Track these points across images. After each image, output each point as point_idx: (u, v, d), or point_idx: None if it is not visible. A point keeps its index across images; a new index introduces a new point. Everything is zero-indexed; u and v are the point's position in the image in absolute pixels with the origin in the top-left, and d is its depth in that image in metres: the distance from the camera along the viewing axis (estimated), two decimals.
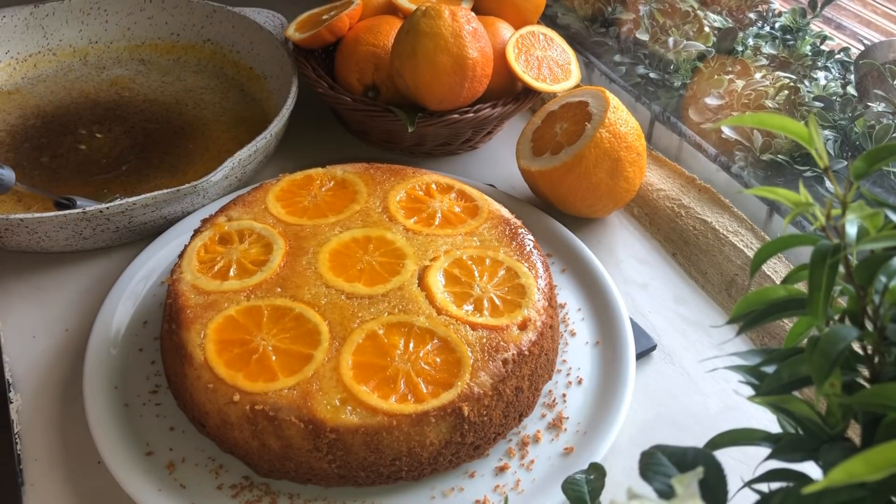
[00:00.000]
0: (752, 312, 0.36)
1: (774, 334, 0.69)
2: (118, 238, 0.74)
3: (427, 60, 0.76)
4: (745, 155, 0.82)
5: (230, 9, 0.97)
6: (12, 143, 0.86)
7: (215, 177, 0.72)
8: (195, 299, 0.60)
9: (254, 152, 0.76)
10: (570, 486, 0.40)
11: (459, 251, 0.65)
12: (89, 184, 0.81)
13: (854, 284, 0.32)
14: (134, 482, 0.54)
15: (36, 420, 0.61)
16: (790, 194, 0.33)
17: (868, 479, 0.25)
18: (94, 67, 0.98)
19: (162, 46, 1.00)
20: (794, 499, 0.30)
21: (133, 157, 0.85)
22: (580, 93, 0.78)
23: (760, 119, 0.34)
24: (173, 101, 0.94)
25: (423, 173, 0.74)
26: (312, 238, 0.66)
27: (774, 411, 0.34)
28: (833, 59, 0.86)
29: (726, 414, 0.64)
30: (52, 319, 0.69)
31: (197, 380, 0.56)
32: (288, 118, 0.81)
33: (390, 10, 0.89)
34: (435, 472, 0.56)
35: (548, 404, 0.62)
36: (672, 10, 0.97)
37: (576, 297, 0.70)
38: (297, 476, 0.55)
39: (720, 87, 0.86)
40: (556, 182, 0.76)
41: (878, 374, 0.32)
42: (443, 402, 0.54)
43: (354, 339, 0.57)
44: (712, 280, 0.75)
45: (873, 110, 0.77)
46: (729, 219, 0.78)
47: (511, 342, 0.58)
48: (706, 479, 0.32)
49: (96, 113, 0.91)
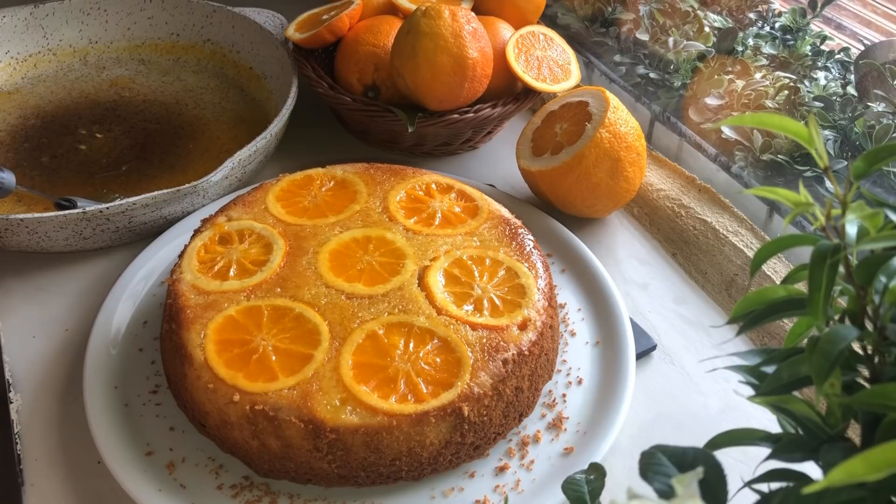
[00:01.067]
0: (752, 312, 0.36)
1: (774, 334, 0.69)
2: (118, 238, 0.74)
3: (427, 60, 0.76)
4: (745, 155, 0.82)
5: (230, 9, 0.97)
6: (12, 143, 0.86)
7: (215, 177, 0.72)
8: (195, 299, 0.60)
9: (254, 152, 0.76)
10: (570, 486, 0.40)
11: (459, 251, 0.65)
12: (89, 184, 0.81)
13: (854, 284, 0.32)
14: (134, 482, 0.54)
15: (36, 420, 0.61)
16: (790, 194, 0.33)
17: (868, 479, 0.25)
18: (94, 67, 0.98)
19: (162, 46, 1.00)
20: (794, 499, 0.30)
21: (133, 157, 0.85)
22: (580, 93, 0.78)
23: (760, 119, 0.34)
24: (173, 101, 0.94)
25: (423, 173, 0.74)
26: (312, 238, 0.66)
27: (774, 411, 0.34)
28: (833, 59, 0.86)
29: (726, 414, 0.64)
30: (52, 319, 0.69)
31: (197, 380, 0.56)
32: (288, 118, 0.81)
33: (390, 10, 0.89)
34: (435, 472, 0.56)
35: (548, 404, 0.62)
36: (672, 10, 0.97)
37: (576, 297, 0.70)
38: (297, 476, 0.55)
39: (720, 87, 0.86)
40: (556, 182, 0.76)
41: (878, 374, 0.32)
42: (443, 402, 0.54)
43: (354, 339, 0.57)
44: (712, 280, 0.75)
45: (873, 110, 0.77)
46: (729, 219, 0.78)
47: (511, 342, 0.58)
48: (706, 479, 0.32)
49: (96, 113, 0.91)
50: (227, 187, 0.77)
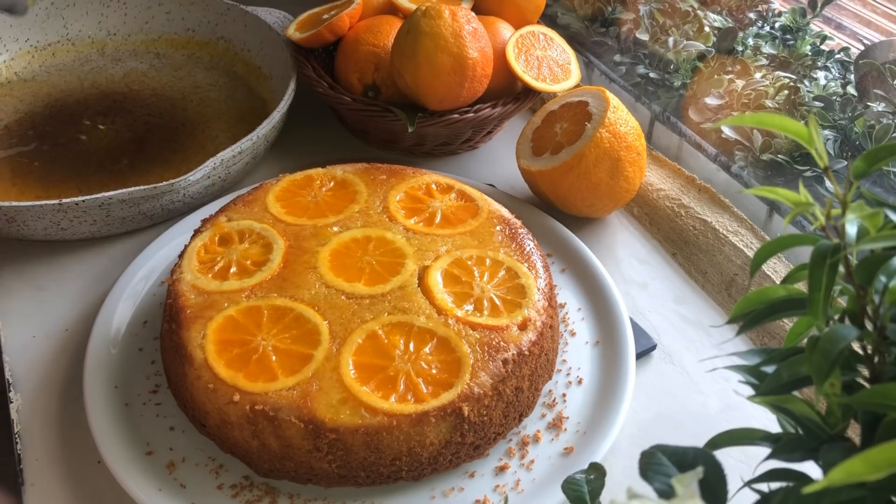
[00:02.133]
0: (752, 312, 0.36)
1: (774, 334, 0.69)
2: (97, 230, 0.74)
3: (427, 60, 0.76)
4: (745, 155, 0.82)
5: (243, 7, 0.97)
6: (18, 129, 0.87)
7: (194, 176, 0.72)
8: (195, 299, 0.60)
9: (238, 153, 0.76)
10: (570, 486, 0.40)
11: (459, 251, 0.65)
12: (83, 174, 0.82)
13: (854, 284, 0.32)
14: (134, 482, 0.54)
15: (36, 420, 0.61)
16: (790, 194, 0.33)
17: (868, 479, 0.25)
18: (111, 59, 0.99)
19: (178, 41, 1.01)
20: (794, 499, 0.30)
21: (131, 150, 0.86)
22: (580, 93, 0.78)
23: (760, 119, 0.34)
24: (179, 97, 0.94)
25: (423, 173, 0.74)
26: (312, 238, 0.66)
27: (774, 411, 0.34)
28: (833, 59, 0.86)
29: (726, 414, 0.64)
30: (52, 319, 0.69)
31: (197, 380, 0.56)
32: (280, 121, 0.81)
33: (390, 9, 0.89)
34: (435, 472, 0.56)
35: (548, 404, 0.62)
36: (672, 10, 0.97)
37: (576, 296, 0.70)
38: (297, 476, 0.55)
39: (720, 87, 0.86)
40: (556, 182, 0.76)
41: (878, 374, 0.32)
42: (443, 402, 0.54)
43: (354, 339, 0.57)
44: (712, 280, 0.75)
45: (873, 110, 0.77)
46: (729, 219, 0.78)
47: (511, 342, 0.58)
48: (706, 478, 0.32)
49: (104, 105, 0.92)
50: (209, 186, 0.77)
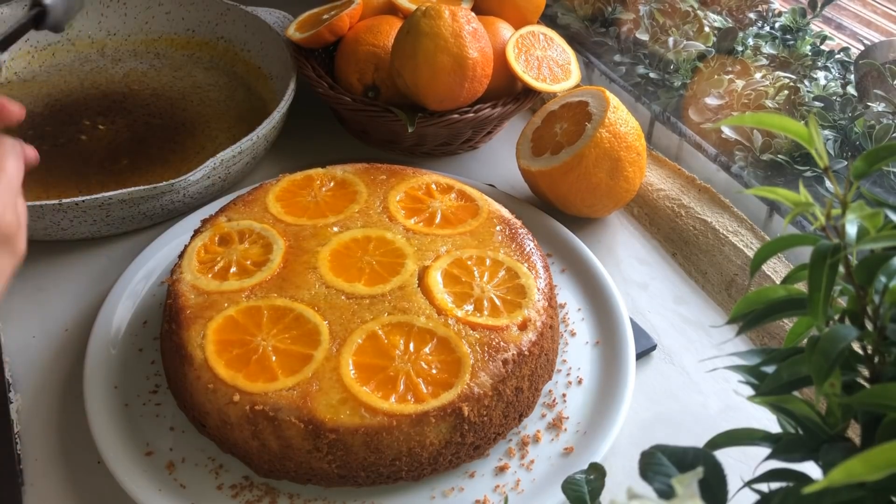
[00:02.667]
0: (752, 312, 0.36)
1: (774, 334, 0.69)
2: (97, 231, 0.74)
3: (427, 60, 0.76)
4: (745, 155, 0.82)
5: (243, 7, 0.97)
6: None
7: (194, 176, 0.72)
8: (195, 299, 0.60)
9: (237, 153, 0.76)
10: (570, 486, 0.40)
11: (459, 251, 0.65)
12: (83, 174, 0.82)
13: (854, 284, 0.32)
14: (134, 482, 0.54)
15: (36, 420, 0.61)
16: (790, 194, 0.33)
17: (868, 479, 0.25)
18: (111, 59, 0.99)
19: (177, 41, 1.01)
20: (794, 499, 0.30)
21: (131, 150, 0.86)
22: (580, 93, 0.78)
23: (760, 119, 0.34)
24: (179, 97, 0.94)
25: (423, 173, 0.74)
26: (312, 238, 0.66)
27: (774, 411, 0.34)
28: (833, 59, 0.86)
29: (726, 414, 0.64)
30: (52, 319, 0.69)
31: (197, 380, 0.56)
32: (280, 121, 0.81)
33: (390, 10, 0.89)
34: (435, 473, 0.56)
35: (548, 404, 0.62)
36: (672, 10, 0.97)
37: (576, 297, 0.70)
38: (297, 476, 0.55)
39: (720, 87, 0.86)
40: (556, 182, 0.76)
41: (878, 374, 0.32)
42: (443, 402, 0.54)
43: (354, 339, 0.57)
44: (712, 280, 0.75)
45: (873, 110, 0.77)
46: (729, 219, 0.78)
47: (511, 342, 0.58)
48: (706, 479, 0.32)
49: (104, 105, 0.92)
50: (209, 187, 0.77)
